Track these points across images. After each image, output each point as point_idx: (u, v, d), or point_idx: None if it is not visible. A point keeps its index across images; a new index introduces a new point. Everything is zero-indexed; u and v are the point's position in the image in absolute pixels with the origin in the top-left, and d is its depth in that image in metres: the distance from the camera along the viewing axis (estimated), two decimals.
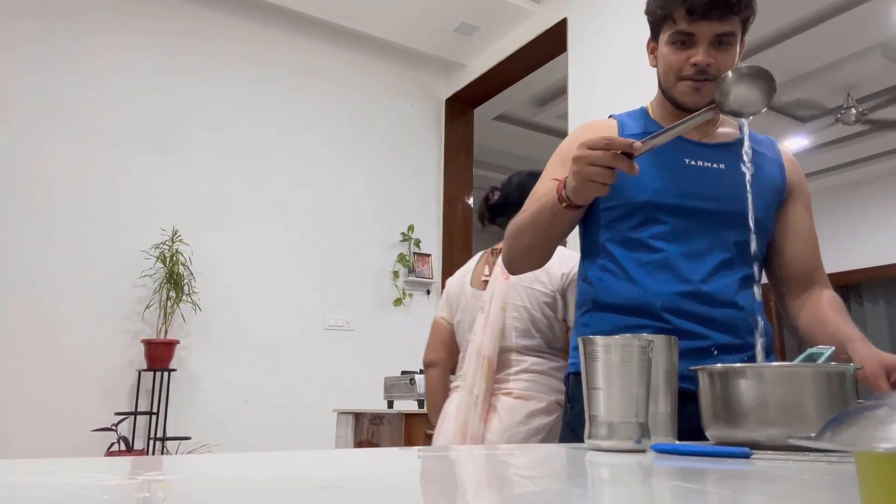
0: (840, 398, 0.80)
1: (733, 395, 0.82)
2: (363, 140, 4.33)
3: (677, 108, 1.24)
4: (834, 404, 0.79)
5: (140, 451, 3.28)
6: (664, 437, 0.85)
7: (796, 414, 0.79)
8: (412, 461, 0.64)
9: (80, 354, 3.27)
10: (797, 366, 0.83)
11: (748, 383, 0.81)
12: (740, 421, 0.81)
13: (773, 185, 1.26)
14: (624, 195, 1.21)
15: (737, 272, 1.20)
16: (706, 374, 0.86)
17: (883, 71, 4.77)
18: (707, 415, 0.85)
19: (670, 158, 1.23)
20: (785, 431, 0.77)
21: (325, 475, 0.52)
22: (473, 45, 4.40)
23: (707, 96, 1.18)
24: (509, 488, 0.46)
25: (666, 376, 0.86)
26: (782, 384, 0.81)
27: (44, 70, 3.42)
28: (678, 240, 1.18)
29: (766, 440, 0.78)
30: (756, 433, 0.79)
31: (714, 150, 1.25)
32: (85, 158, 3.44)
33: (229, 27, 3.98)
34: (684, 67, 1.19)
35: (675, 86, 1.21)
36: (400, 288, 4.27)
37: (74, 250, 3.34)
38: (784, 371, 0.82)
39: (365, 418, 2.97)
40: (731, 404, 0.82)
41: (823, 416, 0.78)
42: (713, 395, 0.84)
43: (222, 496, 0.41)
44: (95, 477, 0.46)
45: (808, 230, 1.31)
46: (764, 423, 0.79)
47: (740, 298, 1.18)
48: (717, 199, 1.20)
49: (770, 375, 0.81)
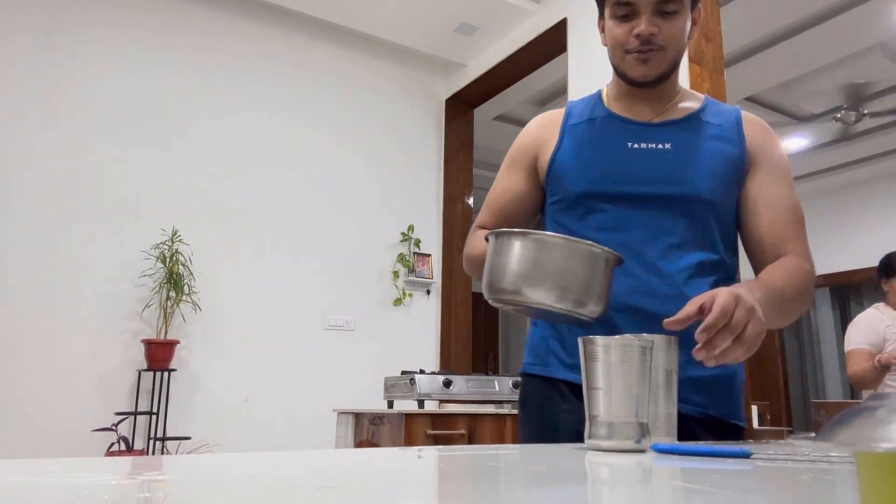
0: (597, 275, 0.95)
1: (511, 255, 0.97)
2: (363, 140, 4.33)
3: (629, 83, 1.19)
4: (591, 278, 0.94)
5: (140, 451, 3.28)
6: (664, 437, 0.85)
7: (558, 278, 0.93)
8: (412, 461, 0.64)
9: (80, 354, 3.27)
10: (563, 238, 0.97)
11: (524, 245, 0.96)
12: (513, 279, 0.96)
13: (727, 158, 1.16)
14: (565, 187, 1.19)
15: (686, 259, 1.11)
16: (493, 236, 1.00)
17: (883, 71, 4.77)
18: (491, 272, 0.99)
19: (613, 144, 1.18)
20: (549, 293, 0.93)
21: (325, 475, 0.52)
22: (473, 45, 4.40)
23: (656, 68, 1.15)
24: (509, 488, 0.46)
25: (666, 376, 0.86)
26: (551, 251, 0.95)
27: (43, 70, 3.42)
28: (618, 229, 1.12)
29: (531, 298, 0.94)
30: (525, 291, 0.94)
31: (661, 130, 1.18)
32: (84, 158, 3.44)
33: (230, 27, 3.98)
34: (629, 40, 1.13)
35: (623, 60, 1.16)
36: (400, 288, 4.27)
37: (74, 250, 3.34)
38: (549, 240, 0.97)
39: (365, 418, 2.97)
40: (507, 264, 0.96)
41: (582, 286, 0.94)
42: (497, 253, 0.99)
43: (222, 496, 0.41)
44: (95, 477, 0.46)
45: (777, 200, 1.16)
46: (534, 283, 0.94)
47: (690, 289, 1.08)
48: (660, 183, 1.13)
49: (542, 242, 0.96)
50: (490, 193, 1.32)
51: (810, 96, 5.18)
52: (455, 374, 3.04)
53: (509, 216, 1.27)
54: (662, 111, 1.21)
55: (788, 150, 6.23)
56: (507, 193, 1.28)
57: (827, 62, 4.60)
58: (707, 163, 1.14)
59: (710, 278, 1.12)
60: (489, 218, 1.30)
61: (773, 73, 4.72)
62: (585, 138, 1.21)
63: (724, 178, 1.15)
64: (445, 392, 2.88)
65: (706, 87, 2.95)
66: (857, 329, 3.10)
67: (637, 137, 1.18)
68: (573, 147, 1.20)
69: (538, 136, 1.27)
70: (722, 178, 1.15)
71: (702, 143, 1.17)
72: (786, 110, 5.42)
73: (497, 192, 1.30)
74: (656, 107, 1.21)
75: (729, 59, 4.40)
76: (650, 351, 0.78)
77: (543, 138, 1.26)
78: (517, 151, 1.30)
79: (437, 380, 2.89)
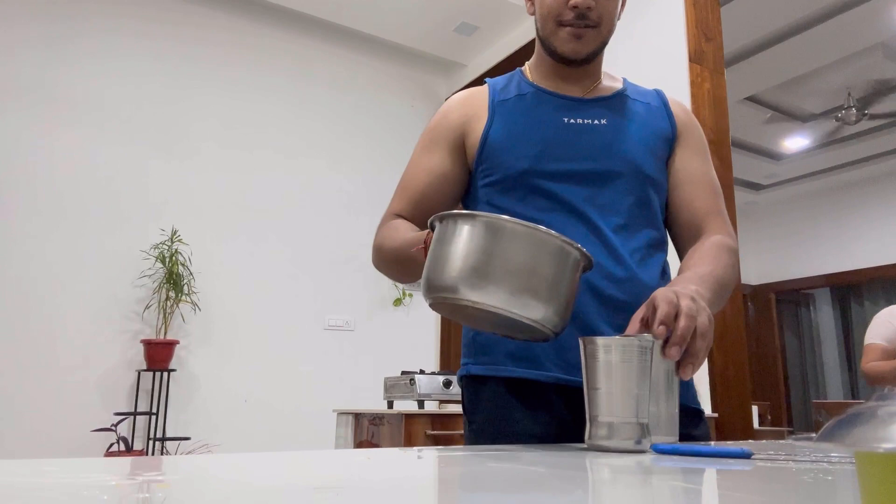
0: (565, 278, 0.78)
1: (462, 244, 0.77)
2: (363, 139, 4.33)
3: (558, 60, 1.13)
4: (559, 281, 0.77)
5: (139, 452, 3.28)
6: (664, 437, 0.85)
7: (519, 275, 0.75)
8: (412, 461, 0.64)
9: (79, 354, 3.27)
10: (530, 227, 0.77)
11: (477, 232, 0.77)
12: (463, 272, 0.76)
13: (660, 134, 1.14)
14: (501, 166, 1.09)
15: (637, 239, 1.07)
16: (438, 220, 0.82)
17: (883, 71, 4.77)
18: (433, 263, 0.80)
19: (548, 119, 1.11)
20: (502, 292, 0.74)
21: (325, 475, 0.52)
22: (473, 45, 4.41)
23: (588, 46, 1.10)
24: (509, 488, 0.46)
25: (666, 376, 0.86)
26: (513, 242, 0.76)
27: (43, 69, 3.42)
28: (564, 209, 1.05)
29: (476, 297, 0.75)
30: (472, 288, 0.75)
31: (594, 106, 1.13)
32: (84, 158, 3.44)
33: (229, 27, 3.99)
34: (563, 11, 1.07)
35: (554, 32, 1.10)
36: (400, 288, 4.27)
37: (74, 250, 3.34)
38: (517, 229, 0.77)
39: (365, 418, 2.97)
40: (452, 255, 0.77)
41: (549, 290, 0.76)
42: (442, 241, 0.80)
43: (222, 496, 0.40)
44: (95, 477, 0.46)
45: (699, 175, 1.15)
46: (485, 281, 0.75)
47: (642, 270, 1.05)
48: (603, 159, 1.08)
49: (503, 229, 0.77)
50: (405, 177, 1.18)
51: (810, 96, 5.18)
52: (455, 374, 3.04)
53: (430, 201, 1.13)
54: (590, 89, 1.16)
55: (789, 150, 6.23)
56: (429, 176, 1.14)
57: (827, 62, 4.60)
58: (645, 139, 1.12)
59: (660, 256, 1.11)
60: (405, 204, 1.15)
61: (773, 73, 4.72)
62: (518, 113, 1.12)
63: (661, 154, 1.14)
64: (445, 392, 2.89)
65: (706, 87, 2.95)
66: (874, 323, 3.11)
67: (571, 113, 1.12)
68: (506, 123, 1.12)
69: (464, 112, 1.16)
70: (660, 154, 1.13)
71: (635, 119, 1.14)
72: (786, 110, 5.42)
73: (415, 175, 1.16)
74: (584, 84, 1.16)
75: (729, 59, 4.40)
76: (650, 351, 0.78)
77: (470, 115, 1.15)
78: (438, 130, 1.17)
79: (437, 380, 2.89)
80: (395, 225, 1.11)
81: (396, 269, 1.08)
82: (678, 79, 2.96)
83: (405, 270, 1.04)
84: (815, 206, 6.95)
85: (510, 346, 1.04)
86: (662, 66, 3.08)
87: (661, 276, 1.10)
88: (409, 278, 1.07)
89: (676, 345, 0.79)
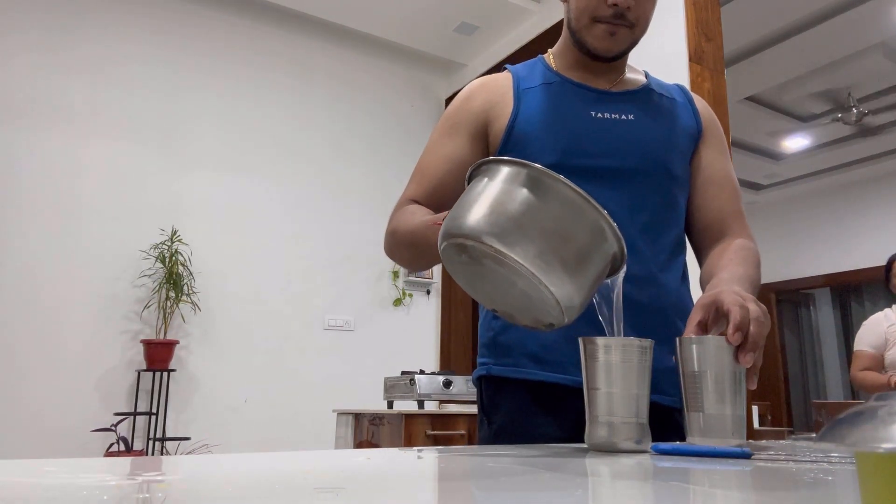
0: (597, 262, 0.70)
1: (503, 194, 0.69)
2: (363, 139, 4.33)
3: (587, 54, 1.11)
4: (590, 262, 0.69)
5: (139, 452, 3.28)
6: (732, 439, 0.83)
7: (554, 239, 0.67)
8: (412, 461, 0.64)
9: (79, 354, 3.27)
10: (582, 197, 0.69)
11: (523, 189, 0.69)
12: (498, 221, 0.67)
13: (687, 132, 1.13)
14: (528, 157, 1.01)
15: (662, 239, 1.06)
16: (474, 166, 0.76)
17: (883, 71, 4.77)
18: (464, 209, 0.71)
19: (576, 111, 1.08)
20: (532, 248, 0.66)
21: (325, 475, 0.52)
22: (473, 44, 4.41)
23: (621, 45, 1.08)
24: (510, 489, 0.46)
25: (733, 378, 0.84)
26: (558, 205, 0.68)
27: (43, 70, 3.42)
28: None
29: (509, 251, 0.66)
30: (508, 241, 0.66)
31: (621, 99, 1.11)
32: (83, 158, 3.44)
33: (230, 27, 3.99)
34: (601, 7, 1.05)
35: (588, 27, 1.07)
36: (400, 288, 4.27)
37: (73, 250, 3.34)
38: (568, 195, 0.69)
39: (365, 418, 2.97)
40: (485, 198, 0.69)
41: (577, 262, 0.68)
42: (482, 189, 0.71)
43: (222, 496, 0.40)
44: (95, 477, 0.46)
45: (722, 176, 1.13)
46: (519, 235, 0.66)
47: (665, 273, 1.03)
48: (632, 156, 1.06)
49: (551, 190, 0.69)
50: (422, 162, 1.14)
51: (810, 96, 5.18)
52: (455, 374, 3.04)
53: (447, 188, 1.09)
54: (615, 82, 1.14)
55: (789, 150, 6.23)
56: (447, 163, 1.11)
57: (827, 62, 4.60)
58: (672, 137, 1.10)
59: (681, 257, 1.09)
60: (422, 191, 1.11)
61: (773, 73, 4.72)
62: (545, 103, 1.09)
63: (686, 152, 1.12)
64: (445, 392, 2.89)
65: (706, 87, 2.95)
66: (862, 330, 3.11)
67: (598, 106, 1.09)
68: (534, 112, 1.09)
69: (488, 99, 1.12)
70: (684, 152, 1.12)
71: (662, 115, 1.12)
72: (786, 110, 5.42)
73: (434, 161, 1.12)
74: (610, 76, 1.14)
75: (729, 59, 4.40)
76: (650, 351, 0.78)
77: (494, 102, 1.12)
78: (461, 116, 1.13)
79: (437, 380, 2.89)
80: (411, 209, 1.08)
81: (410, 252, 1.05)
82: (678, 79, 2.96)
83: (419, 253, 1.01)
84: (815, 206, 6.95)
85: (533, 348, 1.03)
86: (662, 65, 3.08)
87: (682, 279, 1.09)
88: (422, 262, 1.05)
89: (751, 352, 0.78)
